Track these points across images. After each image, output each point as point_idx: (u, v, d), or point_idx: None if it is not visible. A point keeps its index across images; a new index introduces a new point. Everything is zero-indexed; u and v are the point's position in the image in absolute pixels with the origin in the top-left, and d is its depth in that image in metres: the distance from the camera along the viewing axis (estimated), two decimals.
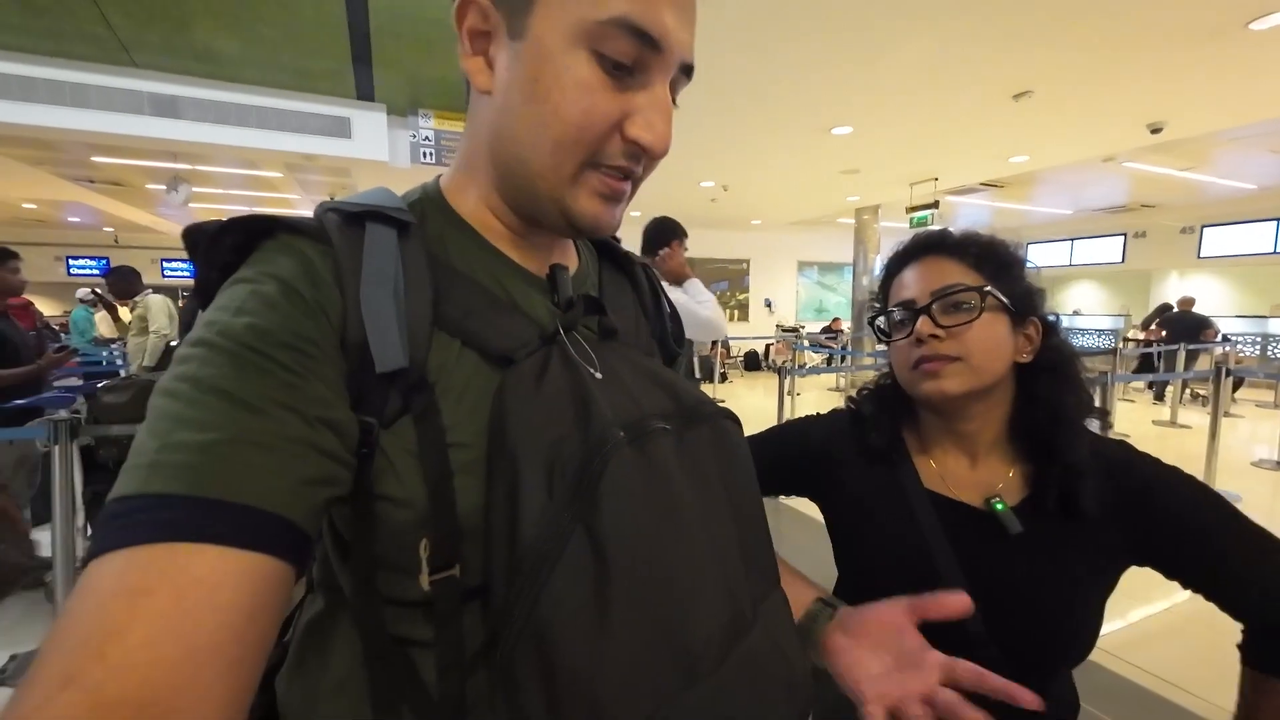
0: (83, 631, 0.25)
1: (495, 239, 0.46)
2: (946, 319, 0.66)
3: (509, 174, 0.43)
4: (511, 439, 0.37)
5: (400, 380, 0.37)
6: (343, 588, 0.41)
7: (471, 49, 0.42)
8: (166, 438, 0.30)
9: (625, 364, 0.45)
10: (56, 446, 2.02)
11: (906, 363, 0.69)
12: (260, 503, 0.30)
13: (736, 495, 0.44)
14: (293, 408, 0.32)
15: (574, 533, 0.34)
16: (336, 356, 0.36)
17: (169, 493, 0.28)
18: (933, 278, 0.68)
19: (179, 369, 0.33)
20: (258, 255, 0.38)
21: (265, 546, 0.29)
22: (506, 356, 0.41)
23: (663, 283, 0.61)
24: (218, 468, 0.29)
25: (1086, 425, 0.67)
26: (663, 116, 0.40)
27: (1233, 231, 9.96)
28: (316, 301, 0.36)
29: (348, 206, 0.40)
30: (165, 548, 0.27)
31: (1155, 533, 0.62)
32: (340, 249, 0.38)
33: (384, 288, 0.37)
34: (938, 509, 0.68)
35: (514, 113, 0.40)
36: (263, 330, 0.33)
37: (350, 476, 0.36)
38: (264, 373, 0.32)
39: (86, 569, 0.27)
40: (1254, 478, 4.40)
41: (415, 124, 7.05)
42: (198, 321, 0.35)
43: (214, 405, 0.31)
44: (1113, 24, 3.01)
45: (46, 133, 5.63)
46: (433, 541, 0.37)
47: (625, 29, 0.37)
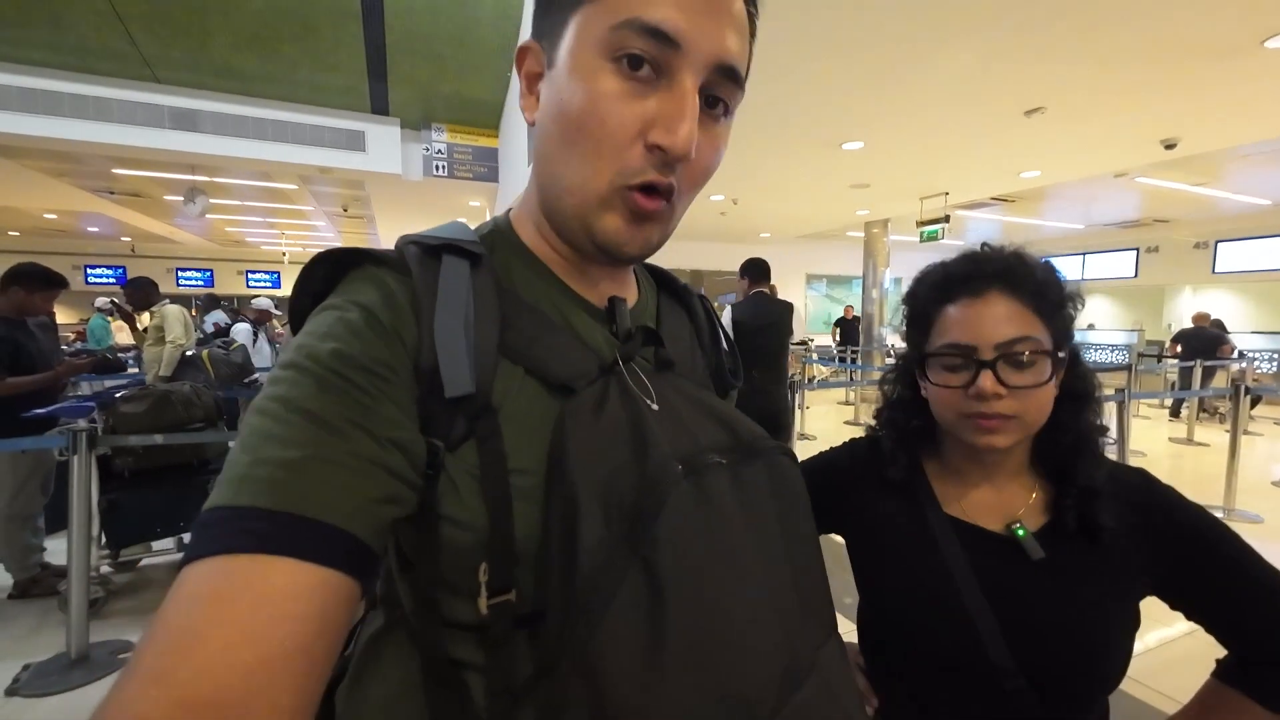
0: (174, 632, 0.27)
1: (555, 268, 0.47)
2: (1012, 376, 0.61)
3: (546, 196, 0.45)
4: (571, 468, 0.37)
5: (467, 405, 0.38)
6: (403, 605, 0.43)
7: (528, 89, 0.45)
8: (256, 453, 0.32)
9: (681, 396, 0.45)
10: (75, 456, 2.04)
11: (954, 408, 0.65)
12: (333, 518, 0.31)
13: (792, 534, 0.43)
14: (366, 428, 0.34)
15: (631, 567, 0.34)
16: (409, 381, 0.38)
17: (255, 506, 0.30)
18: (998, 324, 0.62)
19: (271, 389, 0.35)
20: (345, 284, 0.41)
21: (335, 562, 0.31)
22: (567, 385, 0.42)
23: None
24: (298, 483, 0.31)
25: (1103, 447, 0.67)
26: (682, 117, 0.38)
27: (1248, 247, 9.87)
28: (394, 328, 0.38)
29: (427, 240, 0.43)
30: (249, 558, 0.29)
31: (1172, 554, 0.62)
32: (418, 279, 0.40)
33: (456, 317, 0.39)
34: (958, 534, 0.67)
35: (546, 134, 0.43)
36: (344, 355, 0.35)
37: (415, 497, 0.37)
38: (343, 393, 0.34)
39: (181, 573, 0.29)
40: (1276, 497, 4.31)
41: (429, 138, 7.15)
42: (289, 344, 0.38)
43: (298, 423, 0.33)
44: (1127, 41, 3.01)
45: (70, 145, 5.75)
46: (491, 565, 0.38)
47: (637, 29, 0.37)
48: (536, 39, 0.44)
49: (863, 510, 0.74)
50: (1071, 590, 0.62)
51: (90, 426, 2.10)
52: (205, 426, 2.61)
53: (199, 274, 14.66)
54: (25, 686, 1.95)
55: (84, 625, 2.09)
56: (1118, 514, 0.62)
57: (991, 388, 0.60)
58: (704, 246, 11.02)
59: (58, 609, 2.42)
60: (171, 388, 2.62)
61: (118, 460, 2.45)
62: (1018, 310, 0.63)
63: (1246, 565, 0.61)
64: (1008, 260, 0.65)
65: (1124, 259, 11.59)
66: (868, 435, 0.79)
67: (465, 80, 6.64)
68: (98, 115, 5.60)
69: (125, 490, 2.46)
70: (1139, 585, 0.63)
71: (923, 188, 6.50)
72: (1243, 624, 0.61)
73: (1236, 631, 0.62)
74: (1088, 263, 12.17)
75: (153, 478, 2.53)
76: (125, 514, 2.44)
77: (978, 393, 0.61)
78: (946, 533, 0.67)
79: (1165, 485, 0.66)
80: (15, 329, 2.56)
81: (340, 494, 0.32)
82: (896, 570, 0.69)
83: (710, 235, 10.40)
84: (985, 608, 0.62)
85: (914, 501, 0.70)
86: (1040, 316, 0.63)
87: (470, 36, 6.06)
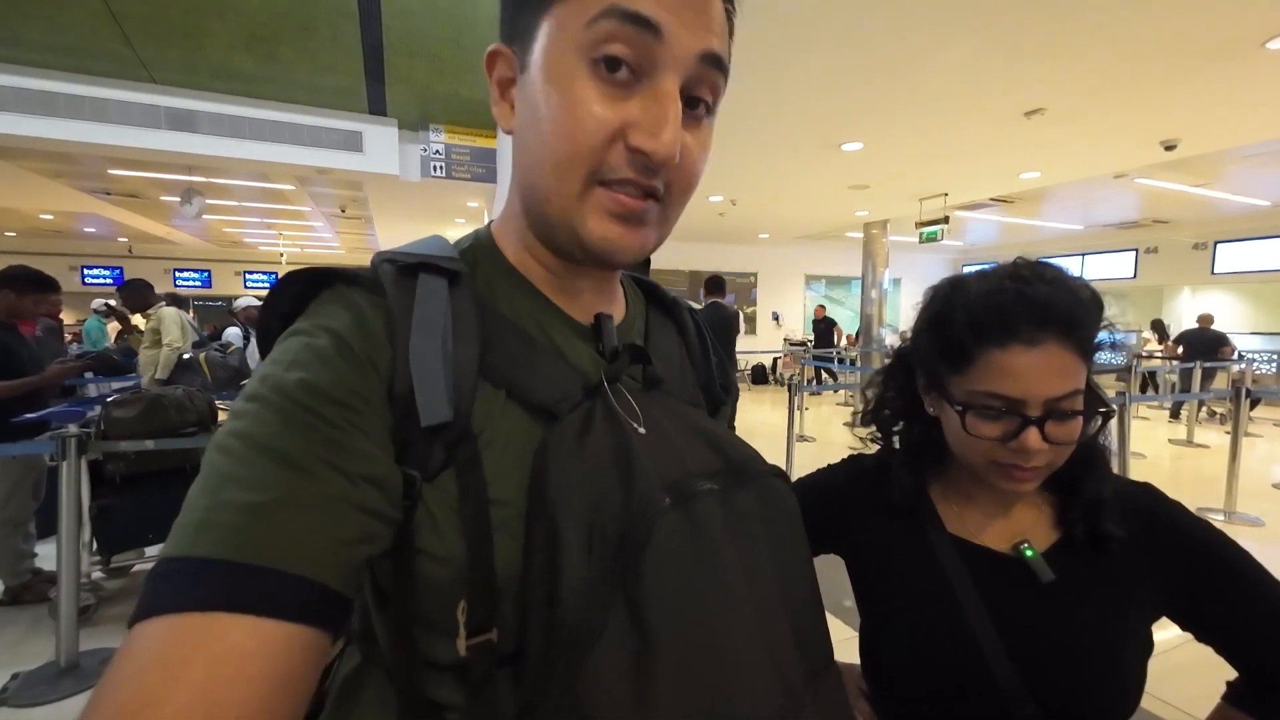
0: (122, 699, 0.26)
1: (539, 283, 0.45)
2: (1056, 432, 0.57)
3: (529, 205, 0.43)
4: (552, 500, 0.36)
5: (445, 433, 0.36)
6: (379, 642, 0.41)
7: (500, 96, 0.43)
8: (215, 495, 0.30)
9: (670, 416, 0.44)
10: (65, 462, 2.02)
11: (986, 454, 0.60)
12: (298, 569, 0.29)
13: (786, 562, 0.42)
14: (336, 465, 0.32)
15: (615, 605, 0.33)
16: (383, 410, 0.36)
17: (212, 557, 0.28)
18: (1051, 379, 0.56)
19: (233, 424, 0.33)
20: (315, 306, 0.39)
21: (300, 616, 0.29)
22: (550, 410, 0.40)
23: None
24: (260, 531, 0.29)
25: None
26: (664, 121, 0.36)
27: (1247, 248, 9.86)
28: (366, 354, 0.36)
29: (402, 258, 0.41)
30: (204, 617, 0.27)
31: (1181, 571, 0.60)
32: (393, 299, 0.38)
33: (432, 339, 0.37)
34: (963, 555, 0.65)
35: (523, 142, 0.41)
36: (312, 386, 0.34)
37: (391, 532, 0.35)
38: (310, 429, 0.33)
39: (131, 631, 0.28)
40: (1276, 500, 4.30)
41: (426, 138, 7.13)
42: (255, 373, 0.36)
43: (261, 464, 0.31)
44: (1127, 43, 2.99)
45: (66, 146, 5.72)
46: (470, 603, 0.36)
47: (616, 16, 0.35)
48: (506, 42, 0.42)
49: (863, 531, 0.72)
50: (1081, 612, 0.60)
51: (81, 432, 2.08)
52: (198, 431, 2.58)
53: (197, 275, 14.63)
54: (14, 696, 1.93)
55: (74, 633, 2.07)
56: (1125, 524, 0.61)
57: (1037, 445, 0.56)
58: (703, 247, 11.01)
59: (48, 616, 2.40)
60: (164, 392, 2.59)
61: (109, 465, 2.42)
62: (1071, 361, 0.57)
63: (1257, 583, 0.59)
64: (1068, 304, 0.58)
65: (1123, 260, 11.58)
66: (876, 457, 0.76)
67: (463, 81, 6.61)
68: (94, 116, 5.58)
69: (117, 495, 2.43)
70: (1150, 606, 0.61)
71: (922, 189, 6.49)
72: (1253, 644, 0.59)
73: (1247, 652, 0.60)
74: (1087, 263, 12.16)
75: (145, 483, 2.49)
76: (117, 520, 2.41)
77: (1020, 448, 0.57)
78: (950, 554, 0.65)
79: (1172, 501, 0.64)
80: (6, 333, 2.54)
81: (307, 539, 0.30)
82: (899, 593, 0.67)
83: (709, 236, 10.39)
84: (991, 632, 0.60)
85: (916, 521, 0.68)
86: (1085, 359, 0.59)
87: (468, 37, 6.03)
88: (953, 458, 0.67)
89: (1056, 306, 0.57)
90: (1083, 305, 0.59)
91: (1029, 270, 0.61)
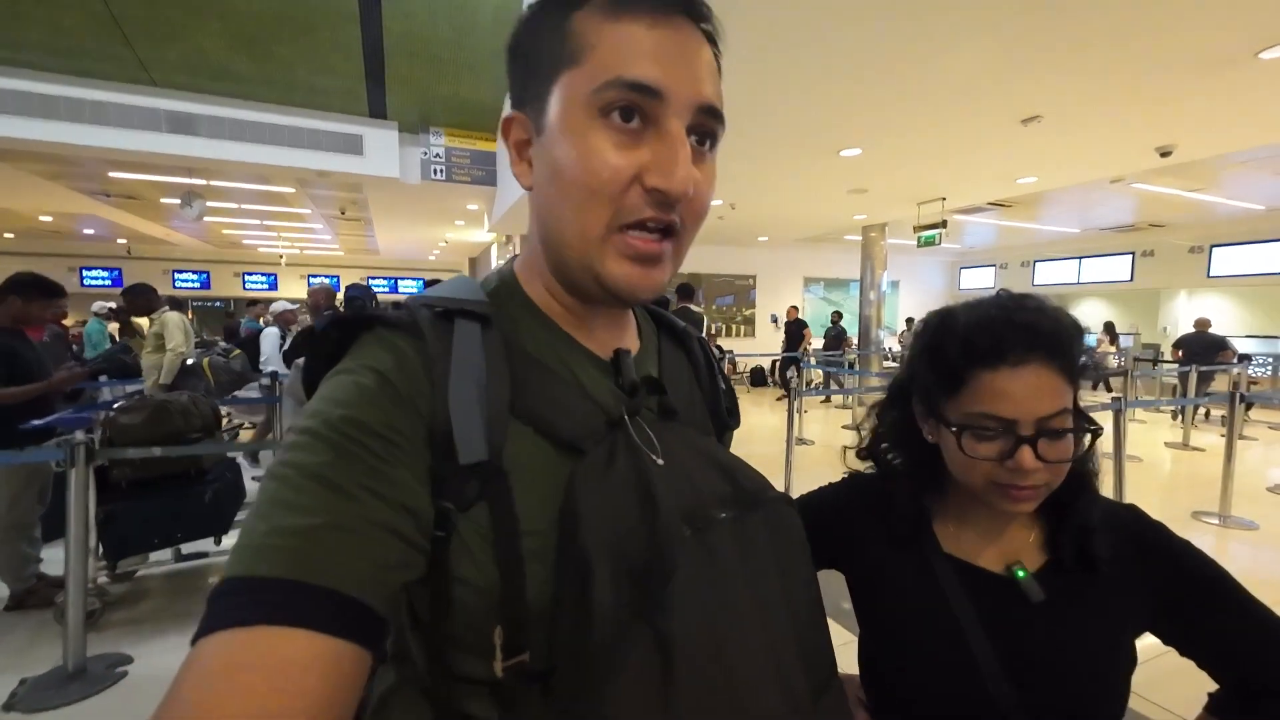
0: (189, 704, 0.28)
1: (561, 320, 0.49)
2: (1049, 450, 0.60)
3: (551, 254, 0.46)
4: (583, 532, 0.38)
5: (479, 469, 0.39)
6: (415, 661, 0.44)
7: (518, 157, 0.47)
8: (271, 521, 0.33)
9: (685, 446, 0.46)
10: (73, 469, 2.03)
11: (984, 475, 0.63)
12: (346, 587, 0.32)
13: (793, 584, 0.44)
14: (379, 492, 0.35)
15: (641, 635, 0.35)
16: (422, 447, 0.39)
17: (269, 576, 0.31)
18: (1040, 398, 0.60)
19: (287, 455, 0.36)
20: (359, 347, 0.42)
21: (348, 632, 0.31)
22: (576, 445, 0.43)
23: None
24: (313, 552, 0.32)
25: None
26: (675, 161, 0.40)
27: (1242, 251, 9.92)
28: (409, 395, 0.39)
29: (438, 303, 0.44)
30: (262, 630, 0.30)
31: (1164, 588, 0.63)
32: (432, 344, 0.41)
33: (470, 383, 0.41)
34: (959, 575, 0.67)
35: (544, 196, 0.44)
36: (359, 421, 0.37)
37: (423, 560, 0.38)
38: (356, 459, 0.35)
39: (197, 644, 0.30)
40: (1271, 503, 4.33)
41: (426, 141, 7.14)
42: (306, 409, 0.39)
43: (313, 490, 0.34)
44: (1124, 52, 3.03)
45: (65, 149, 5.72)
46: (505, 628, 0.39)
47: (619, 86, 0.39)
48: (519, 108, 0.46)
49: (863, 549, 0.74)
50: (1072, 630, 0.63)
51: (88, 439, 2.09)
52: (204, 436, 2.60)
53: (195, 276, 14.61)
54: (22, 701, 1.94)
55: (81, 638, 2.08)
56: (1114, 546, 0.64)
57: (1031, 464, 0.59)
58: (702, 249, 11.04)
59: (53, 621, 2.40)
60: (169, 397, 2.61)
61: (115, 471, 2.44)
62: (1057, 381, 0.60)
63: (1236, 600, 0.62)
64: (1053, 329, 0.61)
65: (1120, 263, 11.64)
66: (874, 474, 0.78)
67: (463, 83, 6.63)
68: (94, 119, 5.58)
69: (122, 501, 2.44)
70: (1135, 622, 0.64)
71: (920, 193, 6.52)
72: (1234, 657, 0.62)
73: (1228, 665, 0.63)
74: (1083, 267, 12.22)
75: (150, 488, 2.51)
76: (122, 525, 2.42)
77: (1016, 467, 0.59)
78: (948, 574, 0.67)
79: (1155, 521, 0.68)
80: (13, 339, 2.55)
81: (354, 561, 0.33)
82: (898, 611, 0.69)
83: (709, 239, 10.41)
84: (988, 650, 0.63)
85: (915, 541, 0.71)
86: (1070, 381, 0.62)
87: (468, 40, 6.05)
88: (951, 482, 0.69)
89: (1041, 329, 0.61)
90: (1065, 329, 0.62)
91: (1013, 300, 0.65)
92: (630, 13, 0.40)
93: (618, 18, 0.40)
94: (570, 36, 0.41)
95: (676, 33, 0.41)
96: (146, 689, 2.05)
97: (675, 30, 0.41)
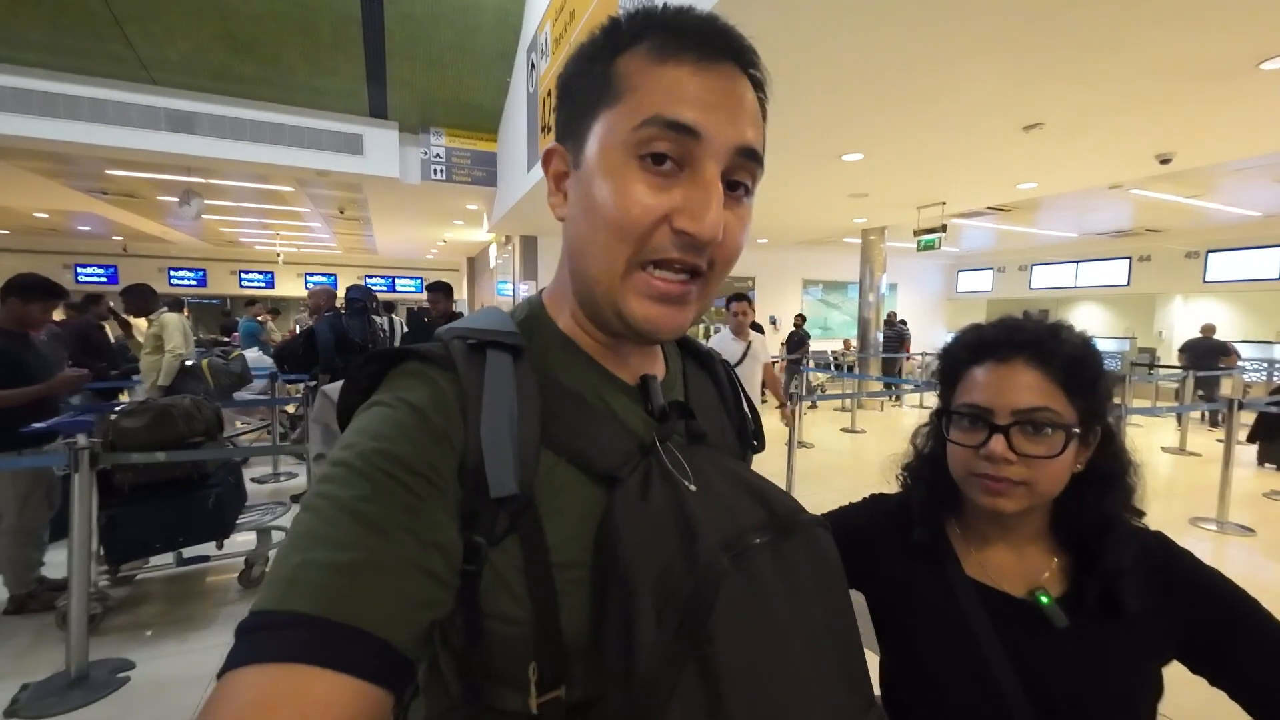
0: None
1: (591, 351, 0.49)
2: (1024, 444, 0.62)
3: (579, 286, 0.47)
4: (623, 563, 0.38)
5: (510, 503, 0.39)
6: (449, 693, 0.43)
7: (555, 188, 0.48)
8: (305, 554, 0.33)
9: (716, 470, 0.46)
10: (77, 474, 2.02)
11: (965, 465, 0.66)
12: (374, 626, 0.32)
13: (833, 609, 0.44)
14: (412, 530, 0.35)
15: (688, 663, 0.35)
16: (454, 481, 0.39)
17: (301, 612, 0.31)
18: (1017, 391, 0.63)
19: (322, 486, 0.36)
20: (392, 379, 0.42)
21: (374, 675, 0.31)
22: (610, 475, 0.43)
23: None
24: (344, 589, 0.32)
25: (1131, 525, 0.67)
26: (707, 204, 0.40)
27: (1238, 257, 9.97)
28: (443, 429, 0.39)
29: (472, 335, 0.44)
30: (291, 668, 0.30)
31: (1197, 623, 0.62)
32: (465, 378, 0.42)
33: (501, 417, 0.40)
34: (982, 599, 0.67)
35: (576, 229, 0.45)
36: (394, 455, 0.37)
37: (450, 598, 0.37)
38: (391, 494, 0.35)
39: (225, 678, 0.30)
40: (1267, 509, 4.36)
41: (427, 141, 7.12)
42: (340, 440, 0.39)
43: (346, 524, 0.34)
44: (1126, 62, 3.04)
45: (64, 147, 5.68)
46: (540, 662, 0.39)
47: (659, 124, 0.40)
48: (561, 141, 0.47)
49: (885, 571, 0.74)
50: (1097, 658, 0.62)
51: (92, 443, 2.08)
52: (206, 440, 2.59)
53: (192, 274, 14.53)
54: (24, 708, 1.93)
55: (84, 644, 2.07)
56: (1141, 587, 0.62)
57: (1001, 452, 0.62)
58: None
59: (55, 625, 2.39)
60: (172, 401, 2.59)
61: (117, 475, 2.43)
62: (1041, 382, 0.63)
63: (1267, 628, 0.61)
64: (1040, 332, 0.66)
65: (1117, 267, 11.68)
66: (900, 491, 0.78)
67: (464, 85, 6.62)
68: (93, 117, 5.55)
69: (125, 505, 2.43)
70: (1163, 652, 0.63)
71: (920, 197, 6.54)
72: (1267, 687, 0.61)
73: (1261, 695, 0.61)
74: (1081, 270, 12.26)
75: (153, 492, 2.50)
76: (125, 530, 2.41)
77: (988, 454, 0.63)
78: (971, 597, 0.67)
79: (1183, 549, 0.67)
80: (13, 341, 2.53)
81: (386, 601, 0.33)
82: (920, 634, 0.69)
83: None
84: (1012, 676, 0.62)
85: (937, 563, 0.70)
86: (1066, 392, 0.63)
87: (470, 42, 6.04)
88: (968, 501, 0.70)
89: (1025, 331, 0.66)
90: (1058, 339, 0.65)
91: (1021, 317, 0.70)
92: (676, 56, 0.41)
93: (663, 61, 0.41)
94: (615, 77, 0.42)
95: (721, 77, 0.42)
96: (149, 695, 2.04)
97: (720, 75, 0.42)
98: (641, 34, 0.43)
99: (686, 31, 0.42)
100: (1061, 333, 0.66)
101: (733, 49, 0.43)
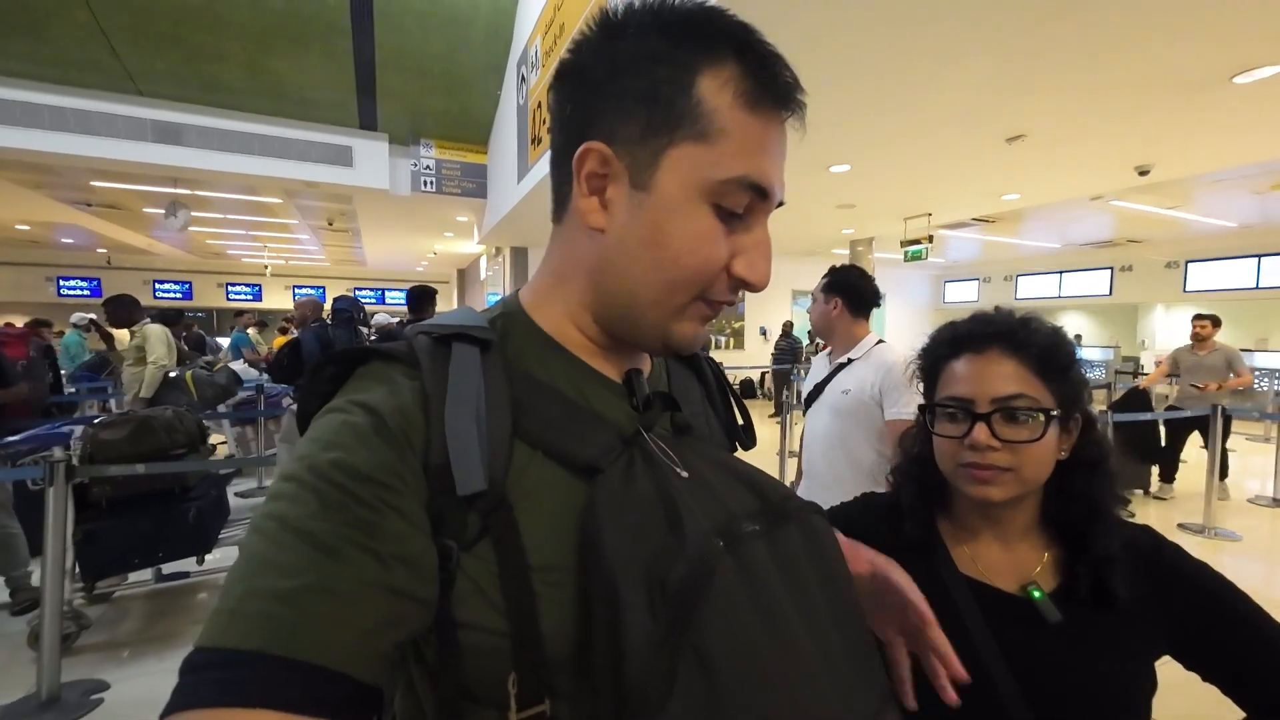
0: None
1: (575, 349, 0.47)
2: (1006, 430, 0.64)
3: (612, 303, 0.45)
4: (608, 556, 0.35)
5: (480, 502, 0.37)
6: (424, 716, 0.40)
7: (588, 191, 0.43)
8: (250, 582, 0.31)
9: (705, 460, 0.44)
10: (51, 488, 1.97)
11: (952, 457, 0.67)
12: (326, 658, 0.30)
13: (835, 598, 0.41)
14: (368, 547, 0.33)
15: (683, 657, 0.32)
16: (418, 484, 0.36)
17: (242, 649, 0.29)
18: (995, 380, 0.65)
19: (271, 505, 0.34)
20: (352, 382, 0.40)
21: (327, 711, 0.29)
22: (591, 466, 0.40)
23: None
24: (291, 619, 0.30)
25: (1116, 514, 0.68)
26: (764, 256, 0.44)
27: (1216, 267, 10.19)
28: (402, 430, 0.37)
29: (437, 329, 0.42)
30: (234, 714, 0.28)
31: (1188, 615, 0.62)
32: (428, 373, 0.40)
33: (467, 409, 0.38)
34: (975, 595, 0.67)
35: (630, 253, 0.43)
36: (347, 466, 0.34)
37: (424, 611, 0.35)
38: (344, 509, 0.33)
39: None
40: (1251, 515, 4.41)
41: (417, 153, 7.12)
42: (295, 451, 0.37)
43: (295, 546, 0.32)
44: (1106, 75, 3.11)
45: (48, 158, 5.62)
46: (520, 674, 0.36)
47: (744, 186, 0.41)
48: (607, 143, 0.42)
49: None
50: (1091, 653, 0.62)
51: (67, 456, 2.03)
52: (188, 452, 2.54)
53: (177, 286, 14.37)
54: None
55: (56, 665, 2.01)
56: (1131, 578, 0.63)
57: (985, 439, 0.63)
58: None
59: (26, 645, 2.31)
60: (153, 412, 2.54)
61: (95, 489, 2.37)
62: (1017, 369, 0.66)
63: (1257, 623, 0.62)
64: (1011, 323, 0.68)
65: (1099, 278, 11.89)
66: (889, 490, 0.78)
67: (455, 97, 6.65)
68: (78, 128, 5.50)
69: (102, 520, 2.37)
70: (1155, 646, 0.63)
71: (907, 209, 6.63)
72: (1258, 681, 0.61)
73: (1252, 689, 0.62)
74: (1064, 281, 12.46)
75: (131, 506, 2.44)
76: (102, 545, 2.35)
77: (972, 443, 0.64)
78: (964, 593, 0.67)
79: (1172, 544, 0.68)
80: None
81: (339, 630, 0.31)
82: None
83: None
84: (1006, 672, 0.62)
85: (929, 561, 0.70)
86: (1042, 379, 0.65)
87: (461, 54, 6.07)
88: (958, 497, 0.70)
89: (997, 322, 0.69)
90: (1030, 328, 0.67)
91: (996, 309, 0.73)
92: (764, 108, 0.42)
93: (753, 110, 0.41)
94: (700, 105, 0.40)
95: (782, 130, 0.44)
96: (123, 717, 1.97)
97: (781, 128, 0.44)
98: (715, 48, 0.41)
99: (765, 65, 0.42)
100: (1032, 323, 0.68)
101: (799, 100, 0.44)
